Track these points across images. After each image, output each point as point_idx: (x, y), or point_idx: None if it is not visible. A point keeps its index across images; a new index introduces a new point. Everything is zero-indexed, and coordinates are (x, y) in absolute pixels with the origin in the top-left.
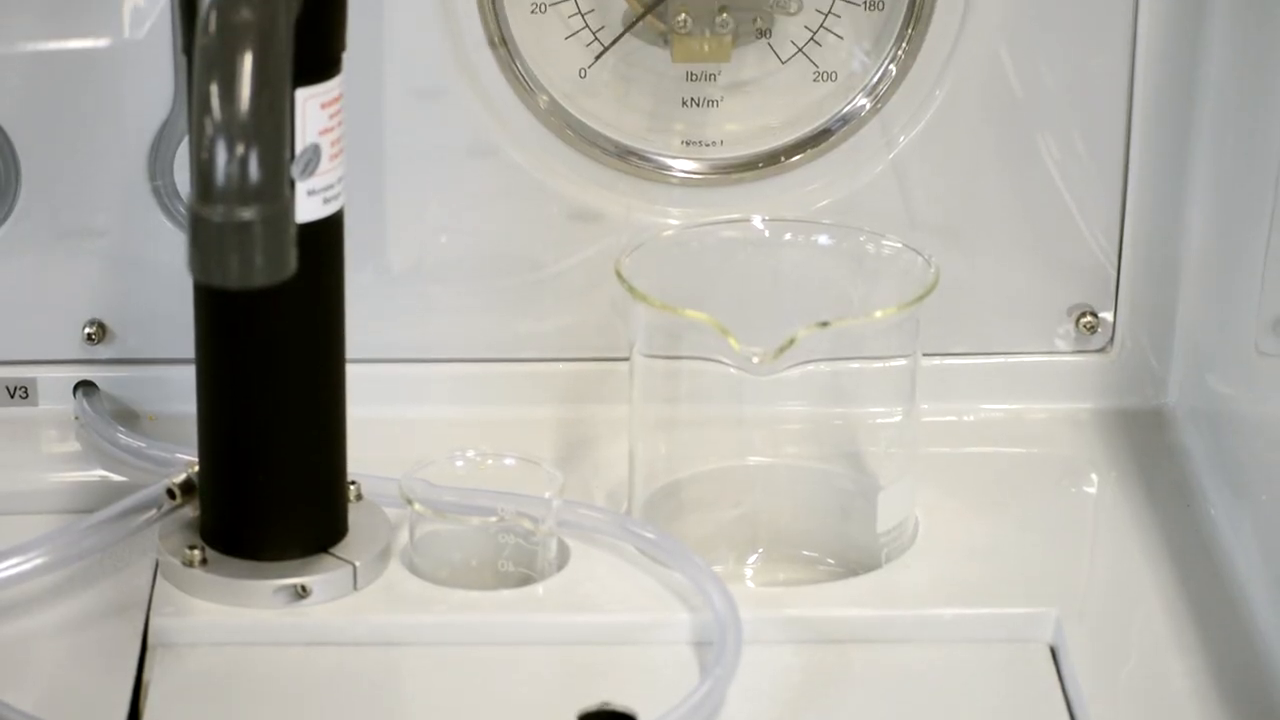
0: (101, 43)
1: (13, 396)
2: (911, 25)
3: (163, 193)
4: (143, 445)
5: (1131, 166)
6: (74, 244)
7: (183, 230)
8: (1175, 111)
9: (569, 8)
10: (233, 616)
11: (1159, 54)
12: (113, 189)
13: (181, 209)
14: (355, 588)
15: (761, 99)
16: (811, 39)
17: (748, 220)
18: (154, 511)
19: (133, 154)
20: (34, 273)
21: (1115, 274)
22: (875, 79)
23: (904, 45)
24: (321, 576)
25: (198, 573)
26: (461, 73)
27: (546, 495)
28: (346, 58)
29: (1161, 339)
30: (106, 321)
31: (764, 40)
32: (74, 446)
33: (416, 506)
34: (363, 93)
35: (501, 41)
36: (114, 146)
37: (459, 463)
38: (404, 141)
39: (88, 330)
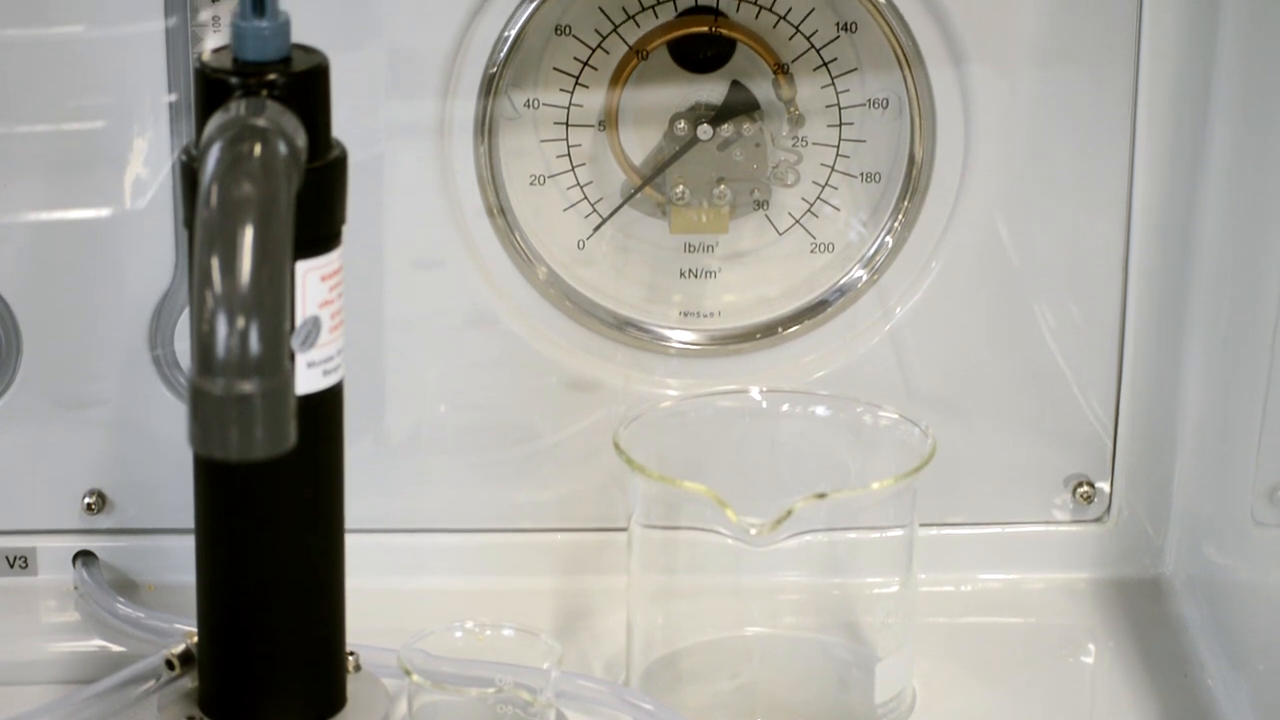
0: (103, 213)
1: (12, 566)
2: (908, 197)
3: (163, 362)
4: (142, 616)
5: (1127, 336)
6: (74, 414)
7: (183, 400)
8: (1171, 280)
9: (568, 179)
10: None
11: (1155, 223)
12: (113, 358)
13: (181, 379)
14: None
15: (759, 270)
16: (809, 210)
17: (745, 391)
18: (153, 682)
19: (133, 324)
20: (34, 442)
21: (1112, 444)
22: (872, 250)
23: (900, 217)
24: None
25: None
26: (460, 242)
27: (545, 666)
28: (345, 227)
29: (1158, 508)
30: (106, 491)
31: (761, 211)
32: (73, 616)
33: (415, 678)
34: (362, 262)
35: (500, 211)
36: (115, 316)
37: (458, 633)
38: (403, 311)
39: (87, 500)
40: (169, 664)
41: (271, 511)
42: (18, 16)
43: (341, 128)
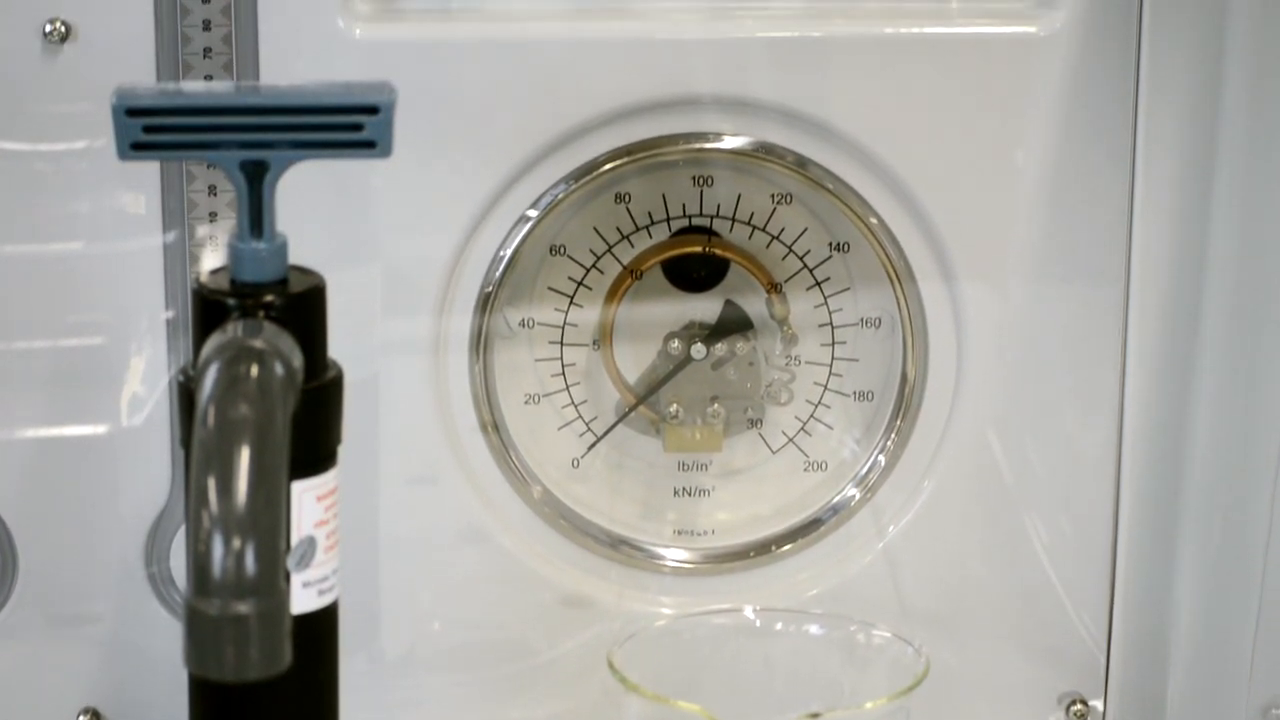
0: (100, 430)
1: None
2: (901, 415)
3: (158, 580)
4: None
5: (1120, 550)
6: (69, 631)
7: (177, 617)
8: (1163, 494)
9: (562, 398)
10: None
11: (1146, 437)
12: (109, 576)
13: (177, 596)
14: None
15: (753, 488)
16: (802, 429)
17: (739, 610)
18: None
19: (129, 541)
20: (28, 660)
21: (1105, 661)
22: (865, 469)
23: (893, 435)
24: None
25: None
26: (455, 460)
27: None
28: (340, 445)
29: None
30: (101, 709)
31: (755, 430)
32: None
33: None
34: (357, 478)
35: (494, 428)
36: (111, 533)
37: None
38: (397, 529)
39: (82, 718)
40: None
41: None
42: (16, 233)
43: (338, 345)
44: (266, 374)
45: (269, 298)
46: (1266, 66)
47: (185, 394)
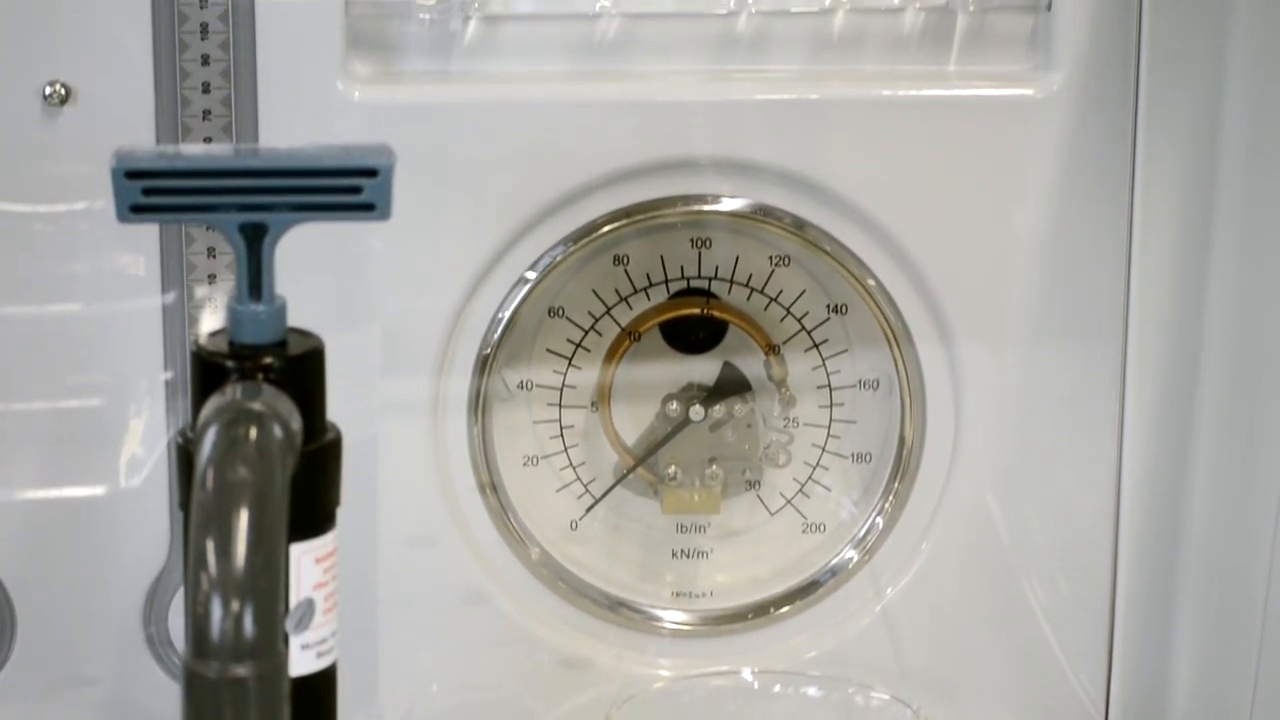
0: (98, 491)
1: None
2: (899, 478)
3: (156, 641)
4: None
5: (1118, 613)
6: (68, 692)
7: (175, 679)
8: (1161, 556)
9: (561, 460)
10: None
11: (1144, 499)
12: (107, 637)
13: (175, 657)
14: None
15: (751, 550)
16: (800, 491)
17: (737, 672)
18: None
19: (128, 602)
20: None
21: None
22: (863, 531)
23: (891, 497)
24: None
25: None
26: (453, 521)
27: None
28: (339, 507)
29: None
30: None
31: (753, 491)
32: None
33: None
34: (355, 539)
35: (493, 489)
36: (109, 594)
37: None
38: (396, 590)
39: None
40: None
41: None
42: (14, 294)
43: (337, 406)
44: (265, 437)
45: (268, 360)
46: (1263, 129)
47: (184, 456)
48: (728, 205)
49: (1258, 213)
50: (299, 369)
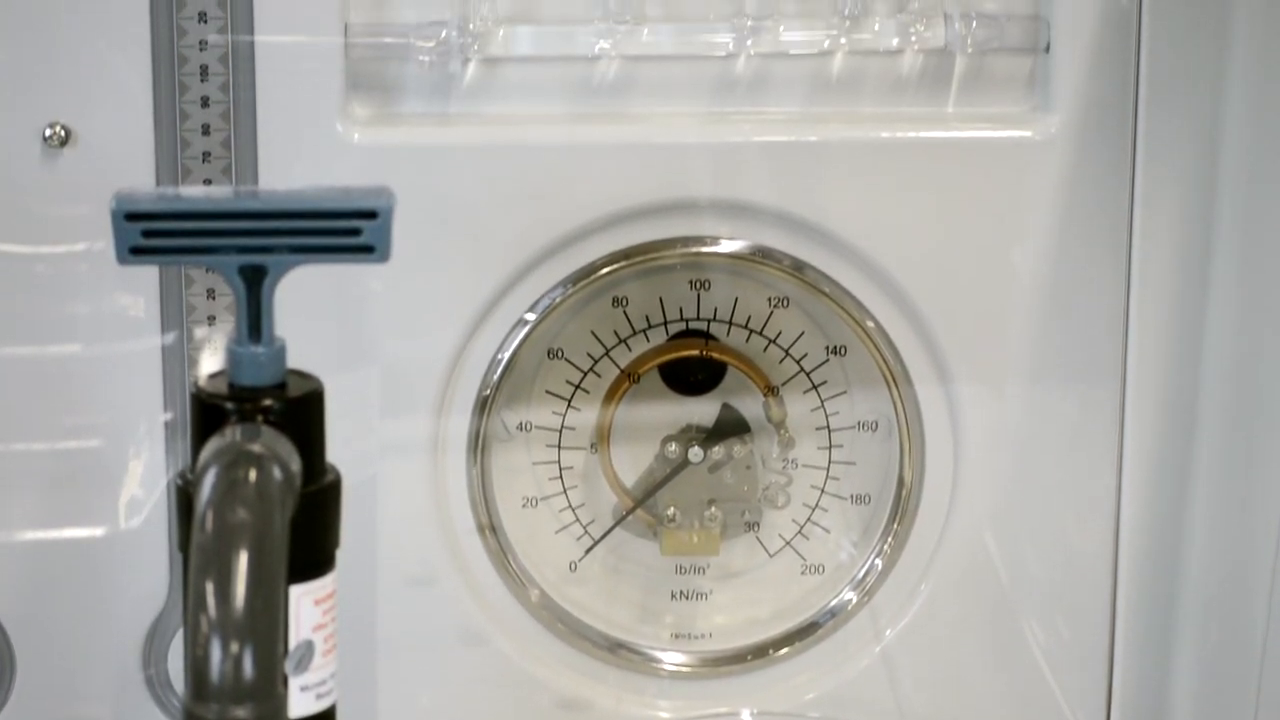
0: (98, 532)
1: None
2: (898, 519)
3: (155, 683)
4: None
5: (1117, 652)
6: None
7: None
8: (1160, 595)
9: (560, 501)
10: None
11: (1143, 538)
12: (106, 678)
13: (174, 699)
14: None
15: (750, 591)
16: (799, 532)
17: (736, 714)
18: None
19: (127, 644)
20: None
21: None
22: (862, 572)
23: (890, 539)
24: None
25: None
26: (452, 562)
27: None
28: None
29: None
30: None
31: (752, 533)
32: None
33: None
34: (354, 580)
35: (492, 530)
36: (108, 636)
37: None
38: (395, 631)
39: None
40: None
41: None
42: (14, 335)
43: (336, 448)
44: (265, 478)
45: (267, 402)
46: (1260, 168)
47: (184, 498)
48: (726, 247)
49: (1255, 251)
50: (298, 411)
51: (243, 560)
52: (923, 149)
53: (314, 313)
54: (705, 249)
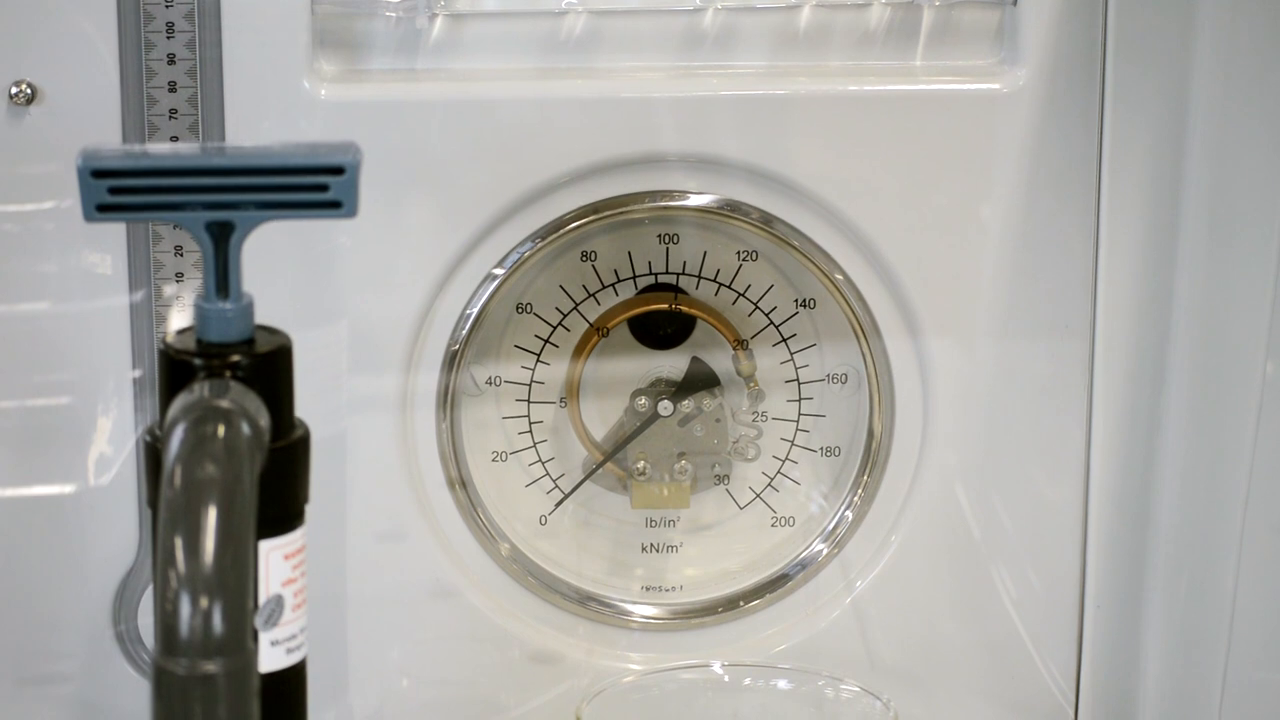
0: (67, 489)
1: None
2: (868, 471)
3: (126, 639)
4: None
5: (1087, 604)
6: (37, 690)
7: (145, 677)
8: (1130, 547)
9: (530, 455)
10: None
11: (1113, 490)
12: (76, 635)
13: (144, 655)
14: None
15: (720, 544)
16: (769, 484)
17: (708, 665)
18: None
19: (96, 600)
20: None
21: (1073, 714)
22: (833, 524)
23: (860, 490)
24: None
25: None
26: (422, 516)
27: None
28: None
29: None
30: None
31: (722, 486)
32: None
33: None
34: (324, 535)
35: (462, 485)
36: (78, 592)
37: None
38: (365, 586)
39: None
40: None
41: None
42: None
43: (305, 403)
44: (233, 434)
45: (235, 358)
46: (1229, 119)
47: (152, 454)
48: (695, 201)
49: (1224, 204)
50: (267, 366)
51: (211, 515)
52: (891, 102)
53: (282, 268)
54: (674, 203)
